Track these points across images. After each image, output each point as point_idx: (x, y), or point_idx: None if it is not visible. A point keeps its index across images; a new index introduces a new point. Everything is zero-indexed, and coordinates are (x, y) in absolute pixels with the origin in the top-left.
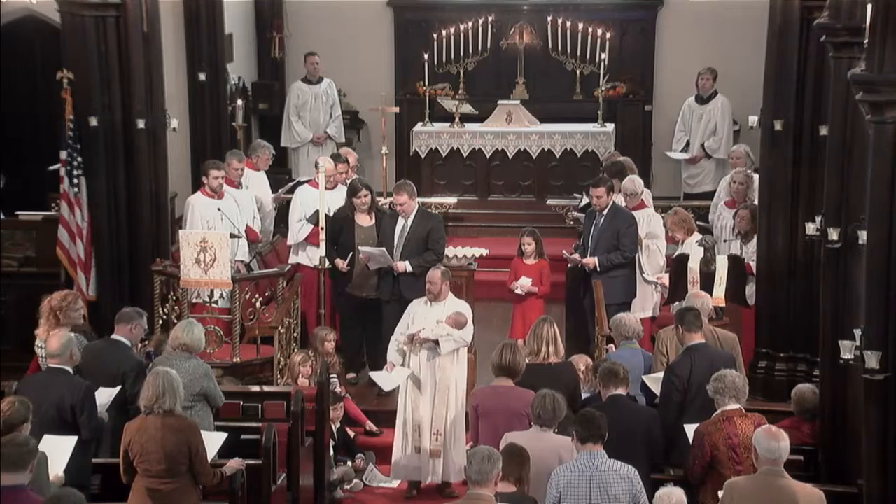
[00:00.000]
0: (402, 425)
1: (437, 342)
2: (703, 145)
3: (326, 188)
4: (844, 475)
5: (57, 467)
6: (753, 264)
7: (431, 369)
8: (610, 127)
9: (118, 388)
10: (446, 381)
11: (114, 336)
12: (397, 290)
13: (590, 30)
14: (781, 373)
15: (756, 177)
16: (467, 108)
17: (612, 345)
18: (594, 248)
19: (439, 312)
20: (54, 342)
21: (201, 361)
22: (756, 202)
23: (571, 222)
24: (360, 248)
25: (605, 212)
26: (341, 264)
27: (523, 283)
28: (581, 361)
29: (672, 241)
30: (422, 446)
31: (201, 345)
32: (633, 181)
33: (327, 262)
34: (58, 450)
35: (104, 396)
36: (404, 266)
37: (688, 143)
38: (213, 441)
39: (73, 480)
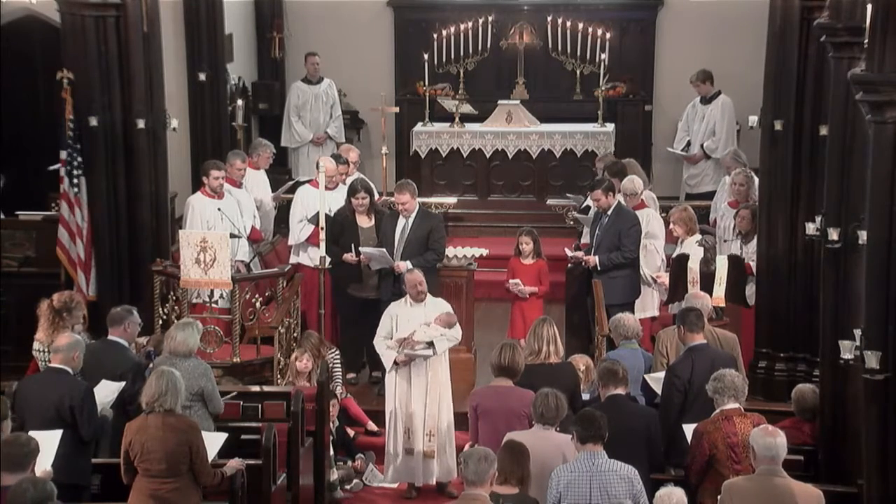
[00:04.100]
0: (394, 429)
1: (431, 344)
2: (702, 146)
3: (327, 188)
4: (844, 475)
5: (44, 462)
6: (753, 264)
7: (423, 370)
8: (610, 127)
9: (122, 383)
10: (438, 381)
11: (110, 337)
12: (398, 291)
13: (590, 30)
14: (781, 373)
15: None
16: (467, 108)
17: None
18: (597, 248)
19: (422, 312)
20: (63, 340)
21: (200, 361)
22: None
23: (571, 222)
24: (360, 248)
25: (609, 212)
26: (350, 257)
27: (515, 284)
28: (581, 361)
29: (671, 241)
30: (415, 448)
31: (194, 347)
32: (633, 181)
33: (328, 262)
34: (43, 445)
35: (106, 391)
36: (405, 266)
37: (689, 144)
38: (213, 441)
39: (73, 480)
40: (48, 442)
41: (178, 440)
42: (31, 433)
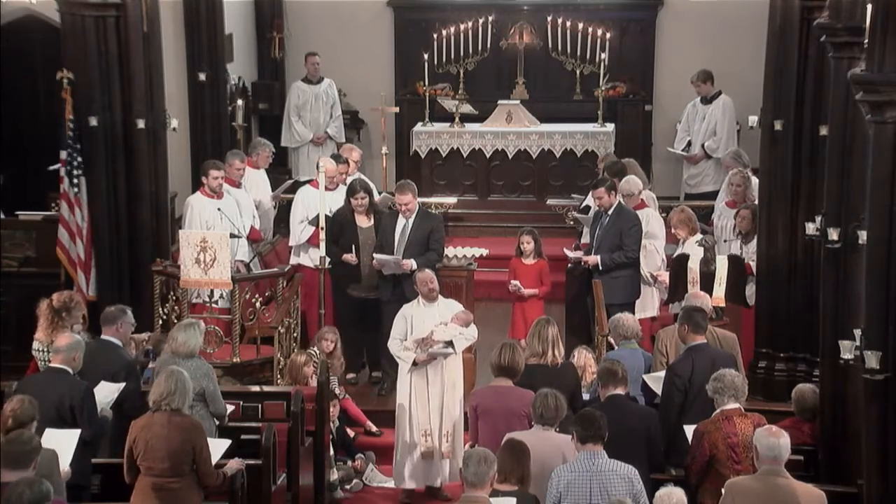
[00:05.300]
0: (409, 431)
1: (450, 343)
2: (703, 145)
3: (328, 188)
4: (844, 475)
5: (63, 462)
6: (753, 264)
7: (439, 370)
8: (610, 127)
9: (122, 384)
10: (453, 381)
11: (103, 337)
12: (398, 291)
13: (590, 30)
14: (781, 373)
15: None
16: (467, 108)
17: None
18: (597, 247)
19: (436, 312)
20: (63, 340)
21: (203, 361)
22: (757, 202)
23: (571, 222)
24: (374, 255)
25: (609, 212)
26: (350, 258)
27: (516, 284)
28: (582, 354)
29: (672, 241)
30: (435, 449)
31: (196, 349)
32: (630, 181)
33: (328, 262)
34: (61, 444)
35: (106, 391)
36: (411, 264)
37: (689, 144)
38: (216, 447)
39: (74, 480)
40: (65, 441)
41: (182, 439)
42: (49, 432)
